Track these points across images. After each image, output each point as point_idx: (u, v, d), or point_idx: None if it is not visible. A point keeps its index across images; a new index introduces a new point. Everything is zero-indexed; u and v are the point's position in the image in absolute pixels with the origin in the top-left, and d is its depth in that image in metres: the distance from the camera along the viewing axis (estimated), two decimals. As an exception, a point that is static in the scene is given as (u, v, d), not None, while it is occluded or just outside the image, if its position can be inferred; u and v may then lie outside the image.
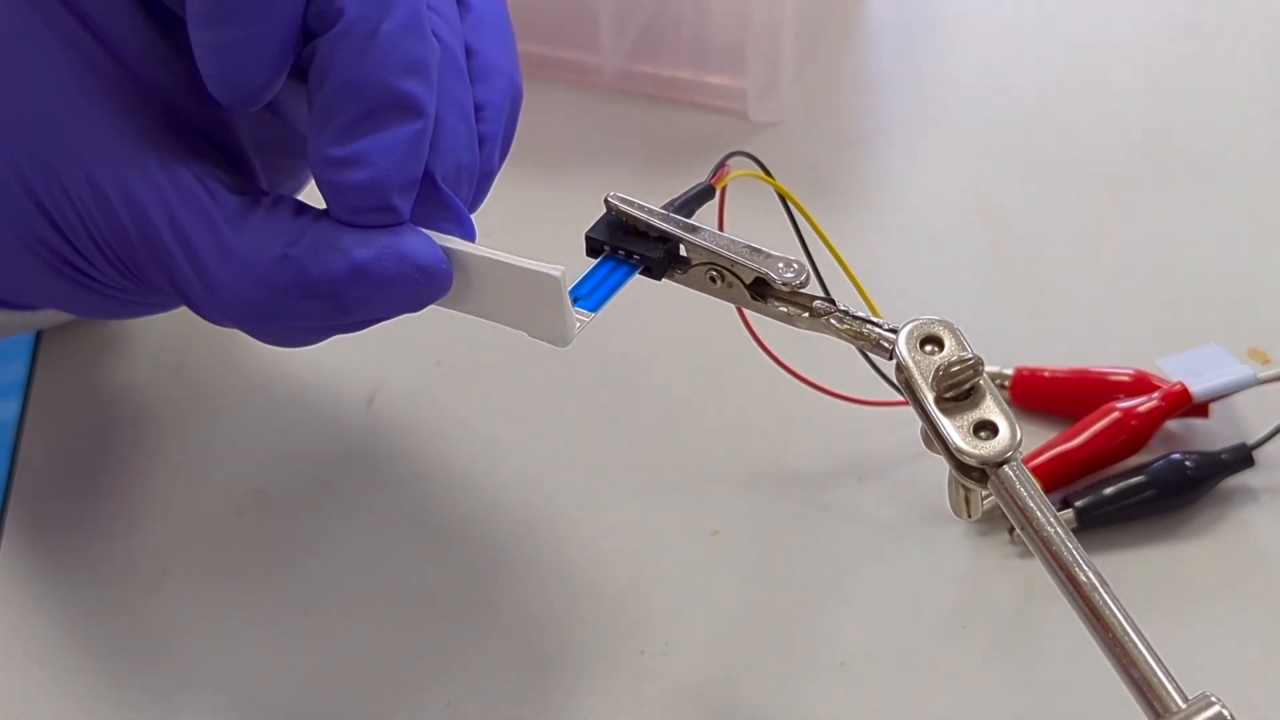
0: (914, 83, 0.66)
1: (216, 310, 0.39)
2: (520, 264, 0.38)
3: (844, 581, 0.48)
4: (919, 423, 0.41)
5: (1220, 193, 0.61)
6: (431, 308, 0.39)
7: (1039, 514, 0.38)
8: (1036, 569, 0.48)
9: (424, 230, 0.38)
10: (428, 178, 0.39)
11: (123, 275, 0.40)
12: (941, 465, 0.44)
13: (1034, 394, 0.52)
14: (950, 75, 0.66)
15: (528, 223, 0.59)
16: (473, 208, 0.42)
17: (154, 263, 0.39)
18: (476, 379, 0.54)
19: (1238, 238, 0.59)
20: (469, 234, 0.40)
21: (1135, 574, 0.48)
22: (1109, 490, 0.49)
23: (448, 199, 0.39)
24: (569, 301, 0.39)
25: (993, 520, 0.49)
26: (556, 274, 0.38)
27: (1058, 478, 0.50)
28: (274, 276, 0.37)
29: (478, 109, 0.42)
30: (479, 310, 0.40)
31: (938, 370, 0.39)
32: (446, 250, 0.39)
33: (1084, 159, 0.62)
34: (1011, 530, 0.49)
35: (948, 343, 0.40)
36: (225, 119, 0.40)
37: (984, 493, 0.41)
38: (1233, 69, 0.67)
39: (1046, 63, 0.67)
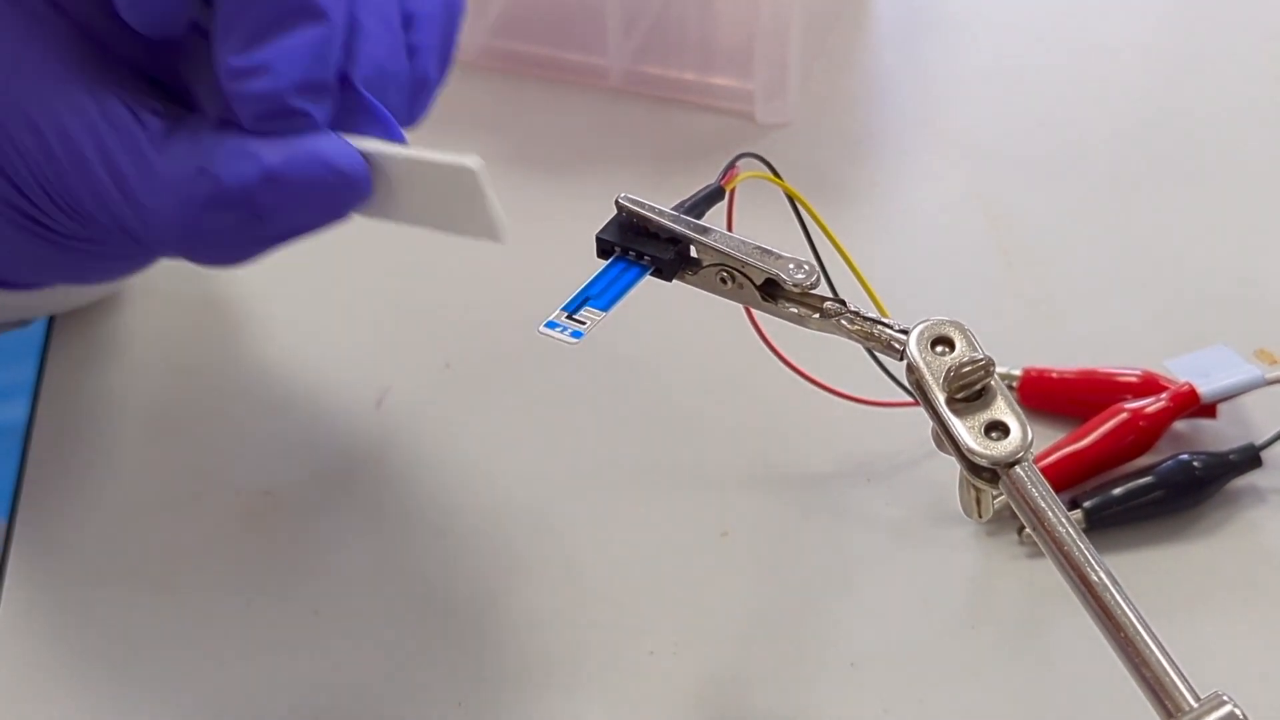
0: (921, 84, 0.66)
1: (149, 234, 0.39)
2: (435, 158, 0.37)
3: (853, 582, 0.49)
4: (928, 424, 0.41)
5: (1227, 194, 0.61)
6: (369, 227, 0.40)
7: (1050, 514, 0.38)
8: (1045, 569, 0.48)
9: (340, 134, 0.38)
10: (346, 83, 0.39)
11: (70, 217, 0.40)
12: (950, 466, 0.44)
13: (1042, 395, 0.52)
14: (957, 77, 0.66)
15: (536, 224, 0.59)
16: (409, 119, 0.41)
17: (89, 193, 0.39)
18: (485, 381, 0.54)
19: (1245, 239, 0.59)
20: (395, 137, 0.40)
21: (1144, 574, 0.48)
22: (1117, 491, 0.49)
23: (369, 104, 0.39)
24: (493, 195, 0.37)
25: (1001, 521, 0.49)
26: (473, 165, 0.37)
27: (1066, 478, 0.50)
28: (191, 191, 0.38)
29: (410, 18, 0.42)
30: (408, 216, 0.39)
31: (949, 371, 0.39)
32: (364, 154, 0.38)
33: (1091, 160, 0.62)
34: (1020, 530, 0.49)
35: (958, 344, 0.40)
36: (161, 51, 0.41)
37: (995, 493, 0.41)
38: (1240, 70, 0.67)
39: (1053, 64, 0.67)
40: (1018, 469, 0.39)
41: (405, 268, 0.57)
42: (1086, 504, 0.49)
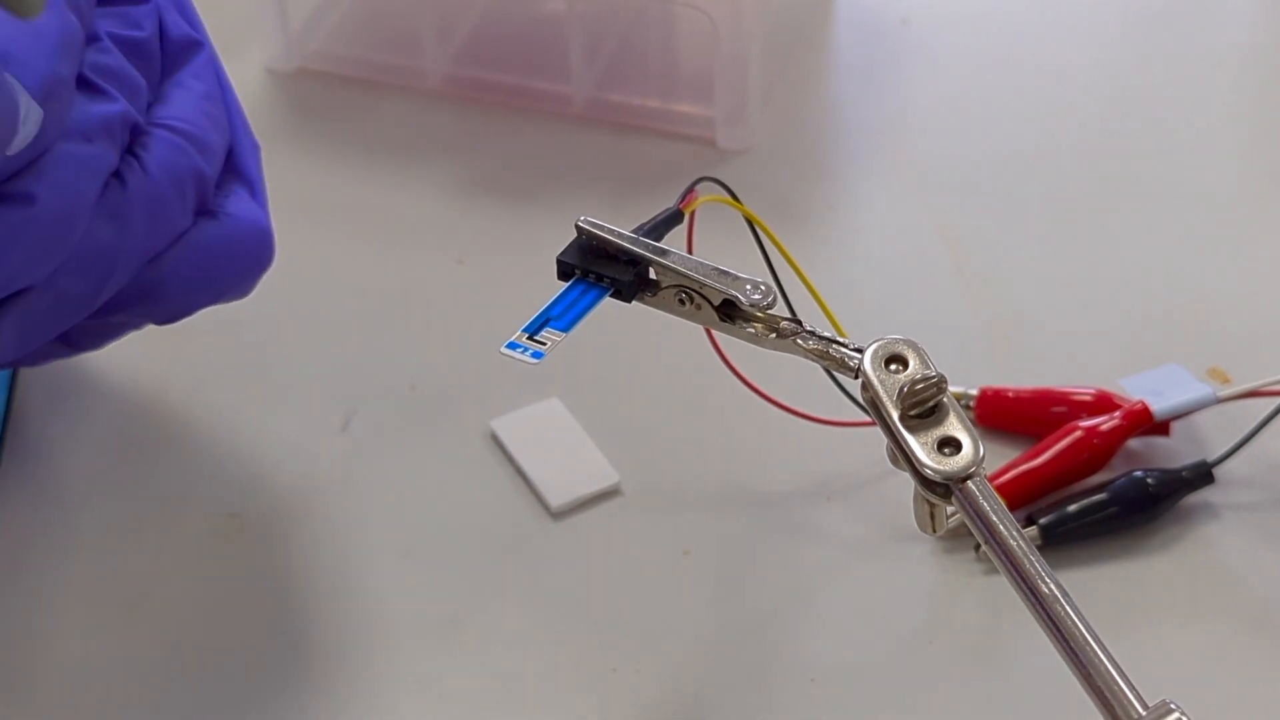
0: (879, 110, 0.67)
1: None
2: None
3: (813, 599, 0.49)
4: (885, 442, 0.42)
5: (1180, 218, 0.62)
6: None
7: (1002, 527, 0.39)
8: (1002, 585, 0.49)
9: None
10: None
11: None
12: (907, 484, 0.45)
13: (998, 414, 0.53)
14: (915, 103, 0.67)
15: (499, 249, 0.60)
16: None
17: None
18: (449, 403, 0.55)
19: (1197, 261, 0.60)
20: None
21: (1099, 589, 0.49)
22: (1072, 508, 0.50)
23: None
24: None
25: (959, 538, 0.50)
26: None
27: (1022, 496, 0.51)
28: None
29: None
30: None
31: (902, 388, 0.40)
32: None
33: (1046, 185, 0.63)
34: (978, 547, 0.50)
35: (912, 361, 0.41)
36: None
37: (949, 510, 0.41)
38: (1191, 97, 0.68)
39: (1009, 90, 0.68)
40: (970, 484, 0.39)
41: (370, 291, 0.58)
42: (1042, 521, 0.50)
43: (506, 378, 0.54)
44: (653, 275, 0.43)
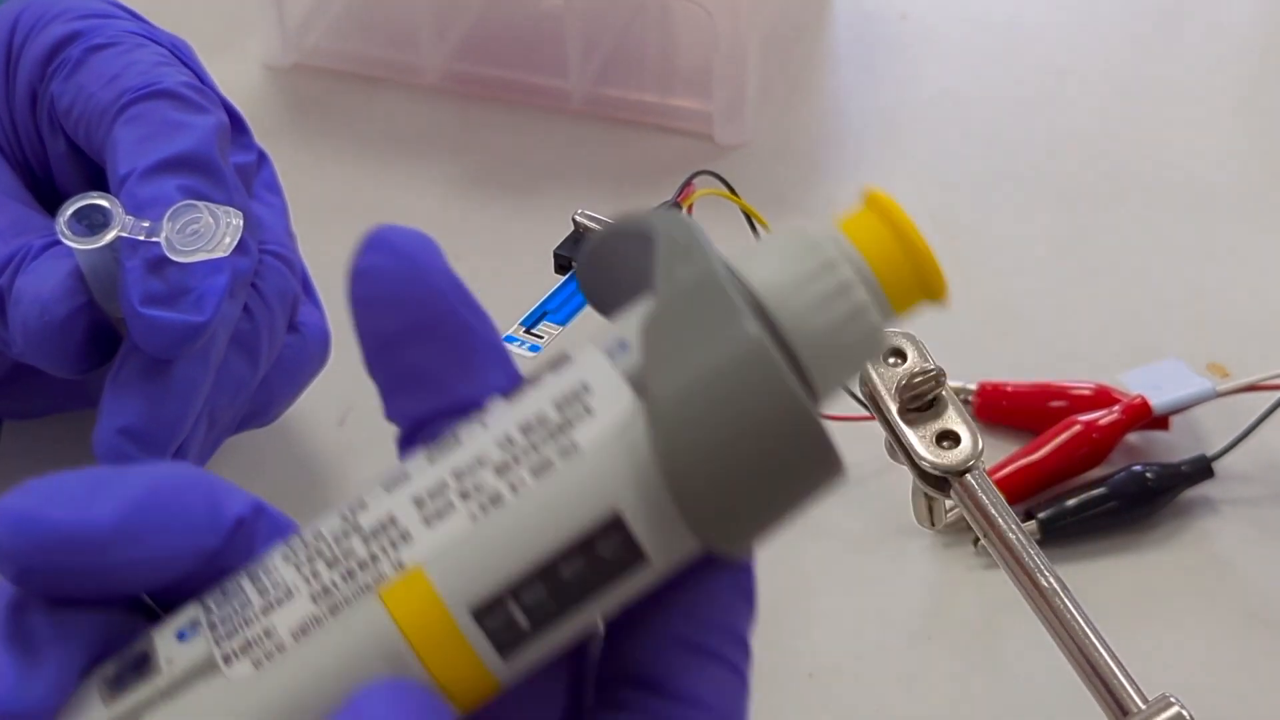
0: (876, 105, 0.67)
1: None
2: None
3: (812, 594, 0.49)
4: (883, 436, 0.42)
5: (1179, 213, 0.62)
6: None
7: (1001, 520, 0.39)
8: (1000, 580, 0.49)
9: None
10: None
11: None
12: (906, 479, 0.45)
13: (997, 409, 0.53)
14: (911, 97, 0.67)
15: (498, 243, 0.60)
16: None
17: None
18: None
19: (1196, 256, 0.60)
20: None
21: (1098, 583, 0.49)
22: (1071, 502, 0.50)
23: None
24: None
25: (957, 532, 0.50)
26: None
27: (1021, 490, 0.51)
28: None
29: None
30: None
31: (900, 381, 0.40)
32: None
33: (1044, 180, 0.63)
34: (976, 542, 0.50)
35: (910, 355, 0.41)
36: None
37: (948, 505, 0.41)
38: (1191, 94, 0.68)
39: (1007, 86, 0.68)
40: (968, 477, 0.39)
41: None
42: (1041, 515, 0.50)
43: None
44: (650, 268, 0.43)
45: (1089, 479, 0.51)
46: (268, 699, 0.26)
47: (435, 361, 0.29)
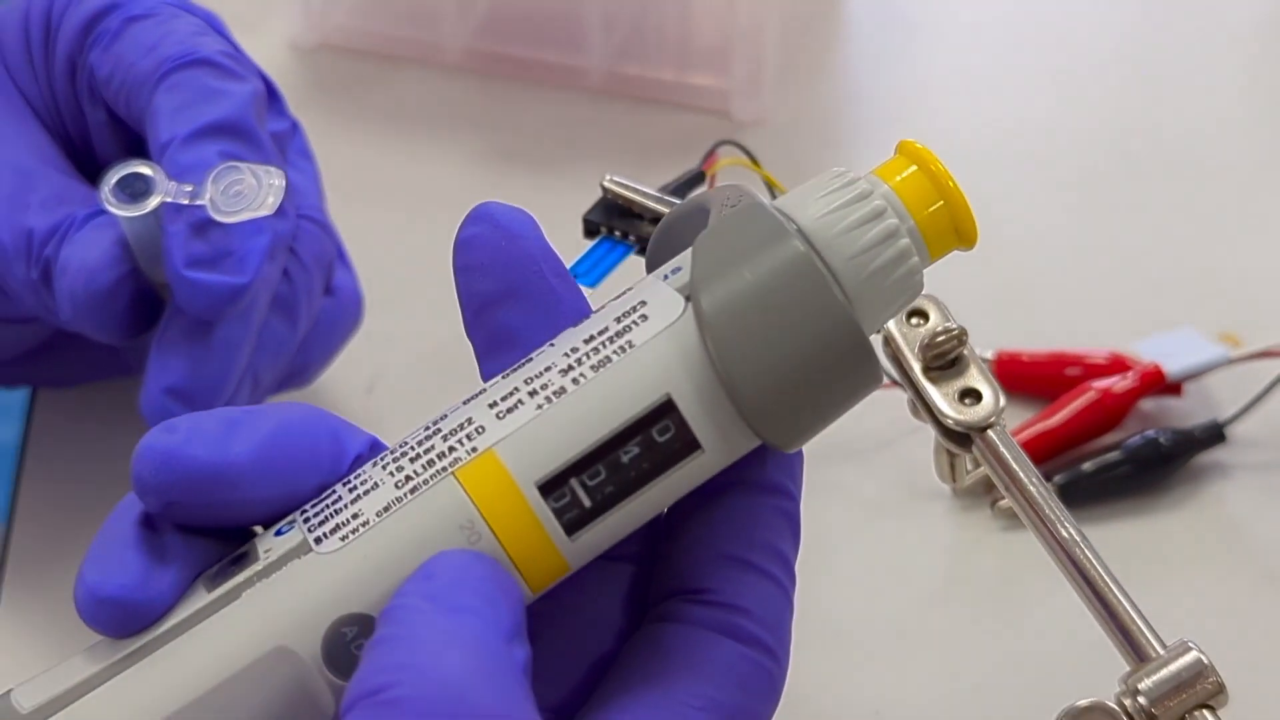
0: (892, 82, 0.68)
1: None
2: None
3: (835, 554, 0.50)
4: (904, 406, 0.43)
5: (1192, 186, 0.63)
6: None
7: (1022, 474, 0.40)
8: (1017, 540, 0.50)
9: None
10: None
11: None
12: (925, 444, 0.46)
13: (1015, 377, 0.54)
14: (927, 75, 0.68)
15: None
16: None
17: None
18: (472, 365, 0.55)
19: (1209, 228, 0.61)
20: None
21: (1114, 546, 0.49)
22: (1087, 466, 0.51)
23: None
24: None
25: (975, 495, 0.51)
26: None
27: (1038, 455, 0.51)
28: None
29: None
30: None
31: (923, 341, 0.41)
32: None
33: (1059, 156, 0.64)
34: (993, 504, 0.51)
35: (933, 315, 0.42)
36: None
37: (968, 466, 0.42)
38: (1201, 68, 0.69)
39: (1022, 64, 0.69)
40: (990, 433, 0.40)
41: (392, 258, 0.59)
42: (1058, 479, 0.51)
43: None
44: (677, 233, 0.44)
45: (1104, 444, 0.52)
46: (353, 567, 0.29)
47: (525, 323, 0.31)
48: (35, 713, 0.29)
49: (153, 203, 0.41)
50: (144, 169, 0.41)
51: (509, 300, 0.32)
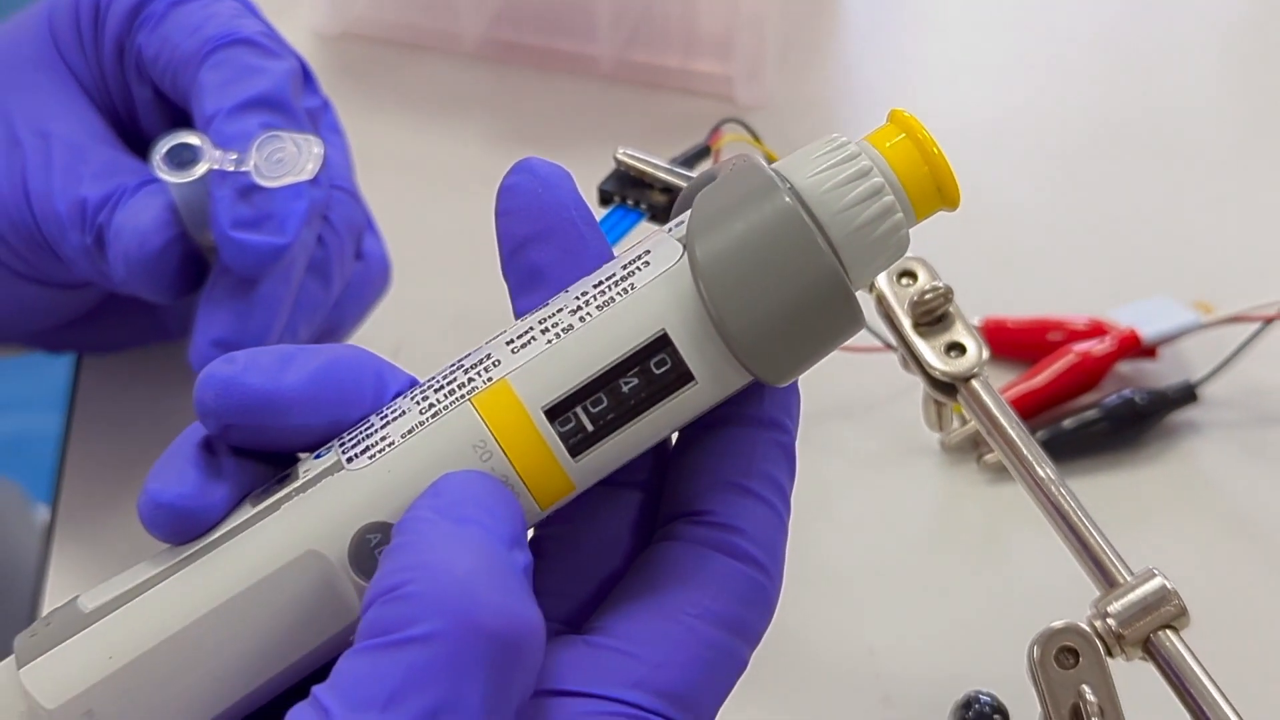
0: (888, 67, 0.71)
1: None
2: None
3: (832, 506, 0.54)
4: (896, 370, 0.47)
5: (1168, 163, 0.66)
6: None
7: (1003, 420, 0.43)
8: (1001, 492, 0.53)
9: None
10: None
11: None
12: (915, 405, 0.50)
13: (1001, 341, 0.57)
14: (921, 60, 0.72)
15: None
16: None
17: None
18: (491, 331, 0.59)
19: (1183, 203, 0.65)
20: None
21: (1092, 498, 0.52)
22: (1068, 423, 0.55)
23: None
24: None
25: (963, 451, 0.54)
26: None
27: (1022, 413, 0.54)
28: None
29: None
30: None
31: (913, 298, 0.45)
32: None
33: (1044, 135, 0.68)
34: (979, 458, 0.54)
35: (921, 275, 0.45)
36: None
37: (955, 424, 0.46)
38: (1180, 55, 0.72)
39: (1008, 48, 0.72)
40: (974, 383, 0.44)
41: (415, 233, 0.62)
42: (1040, 435, 0.54)
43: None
44: (685, 202, 0.48)
45: (1084, 403, 0.55)
46: (378, 480, 0.32)
47: (554, 262, 0.34)
48: (95, 611, 0.33)
49: (201, 169, 0.45)
50: (192, 139, 0.45)
51: (541, 241, 0.35)
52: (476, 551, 0.30)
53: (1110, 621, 0.40)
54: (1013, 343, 0.58)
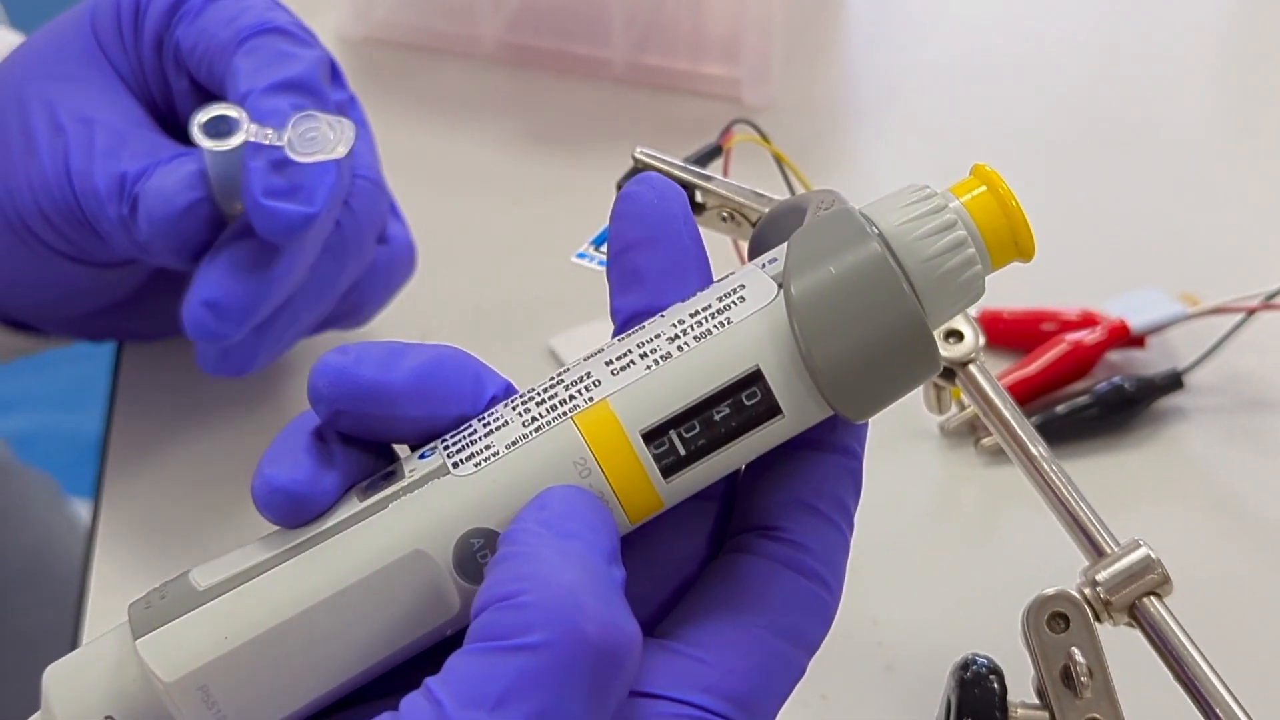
0: (889, 70, 0.74)
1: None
2: None
3: (835, 486, 0.56)
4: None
5: (1157, 161, 0.69)
6: None
7: (998, 401, 0.46)
8: (998, 474, 0.56)
9: None
10: None
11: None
12: (917, 391, 0.52)
13: (996, 332, 0.60)
14: (921, 63, 0.74)
15: (550, 196, 0.67)
16: None
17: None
18: (511, 323, 0.62)
19: (1171, 198, 0.67)
20: None
21: (1083, 480, 0.55)
22: (1060, 409, 0.57)
23: None
24: None
25: (961, 435, 0.57)
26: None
27: (1017, 399, 0.56)
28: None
29: None
30: None
31: (914, 289, 0.47)
32: None
33: (1038, 132, 0.71)
34: (976, 442, 0.57)
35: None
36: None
37: (954, 410, 0.48)
38: (1168, 55, 0.75)
39: (1004, 48, 0.75)
40: (971, 367, 0.47)
41: (438, 230, 0.65)
42: (1034, 420, 0.57)
43: (561, 301, 0.61)
44: (698, 199, 0.50)
45: (1076, 390, 0.58)
46: (484, 489, 0.34)
47: (655, 267, 0.36)
48: (211, 589, 0.34)
49: (238, 139, 0.47)
50: (231, 111, 0.47)
51: (647, 246, 0.36)
52: (580, 566, 0.32)
53: (1099, 589, 0.43)
54: (1008, 333, 0.60)
